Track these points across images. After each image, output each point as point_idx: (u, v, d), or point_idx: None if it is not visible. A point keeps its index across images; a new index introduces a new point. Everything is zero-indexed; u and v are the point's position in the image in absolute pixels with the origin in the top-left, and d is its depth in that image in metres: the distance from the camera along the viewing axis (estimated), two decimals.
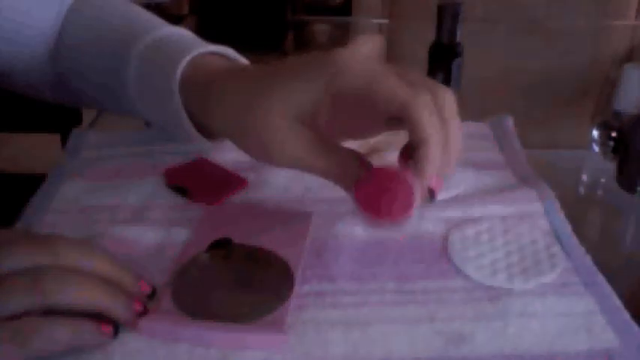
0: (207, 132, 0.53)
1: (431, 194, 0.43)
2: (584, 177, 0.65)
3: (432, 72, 0.77)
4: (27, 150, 1.40)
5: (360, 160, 0.45)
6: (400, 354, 0.39)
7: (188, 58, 0.50)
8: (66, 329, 0.36)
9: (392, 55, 1.06)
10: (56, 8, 0.59)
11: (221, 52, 0.53)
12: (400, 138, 0.44)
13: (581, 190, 0.64)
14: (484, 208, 0.52)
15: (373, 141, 0.56)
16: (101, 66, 0.56)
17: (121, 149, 0.60)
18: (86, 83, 0.58)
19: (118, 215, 0.50)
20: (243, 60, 0.54)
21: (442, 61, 0.76)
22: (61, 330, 0.36)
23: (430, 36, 0.77)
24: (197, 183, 0.53)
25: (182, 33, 0.55)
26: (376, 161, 0.46)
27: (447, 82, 0.76)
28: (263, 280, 0.43)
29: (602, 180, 0.63)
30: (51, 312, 0.36)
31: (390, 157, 0.57)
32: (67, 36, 0.58)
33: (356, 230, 0.49)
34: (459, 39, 0.76)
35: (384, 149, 0.56)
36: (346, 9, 1.22)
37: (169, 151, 0.59)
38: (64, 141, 0.63)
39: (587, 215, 0.60)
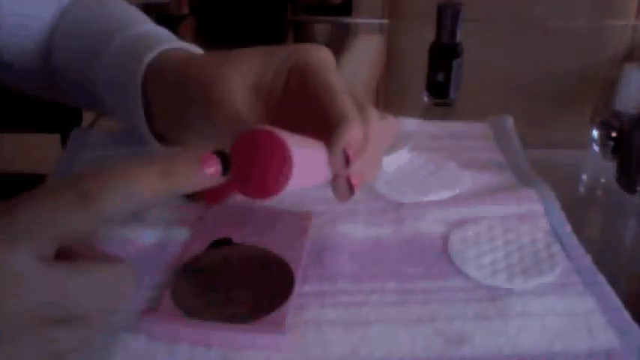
0: (167, 135, 0.52)
1: (350, 187, 0.42)
2: (584, 177, 0.65)
3: (432, 72, 0.77)
4: (27, 150, 1.40)
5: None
6: (400, 354, 0.39)
7: (152, 54, 0.50)
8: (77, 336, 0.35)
9: (392, 55, 1.06)
10: (53, 9, 0.59)
11: (189, 49, 0.53)
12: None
13: (581, 190, 0.64)
14: (484, 208, 0.52)
15: None
16: (81, 65, 0.56)
17: (121, 149, 0.60)
18: (71, 81, 0.59)
19: None
20: None
21: (442, 61, 0.76)
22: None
23: (430, 36, 0.77)
24: None
25: (158, 31, 0.55)
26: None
27: (447, 82, 0.76)
28: (263, 280, 0.43)
29: (602, 180, 0.63)
30: None
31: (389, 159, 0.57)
32: (58, 36, 0.59)
33: (356, 230, 0.49)
34: (459, 39, 0.76)
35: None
36: (346, 9, 1.22)
37: (169, 151, 0.59)
38: (64, 141, 0.63)
39: (587, 215, 0.60)
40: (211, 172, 0.34)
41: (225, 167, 0.35)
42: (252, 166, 0.37)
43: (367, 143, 0.42)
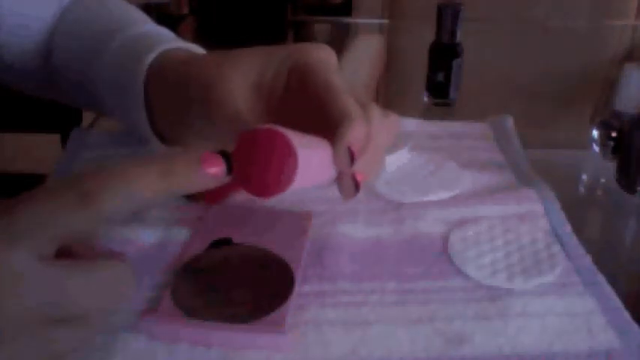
0: (168, 135, 0.53)
1: (355, 185, 0.42)
2: (584, 177, 0.65)
3: (432, 72, 0.77)
4: (27, 150, 1.40)
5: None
6: (400, 354, 0.39)
7: (153, 54, 0.50)
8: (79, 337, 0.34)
9: (392, 55, 1.06)
10: (53, 9, 0.59)
11: (190, 48, 0.53)
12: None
13: (581, 190, 0.64)
14: (484, 208, 0.52)
15: None
16: (81, 65, 0.56)
17: (121, 149, 0.60)
18: (71, 82, 0.59)
19: None
20: None
21: (442, 61, 0.76)
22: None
23: (430, 36, 0.77)
24: None
25: (158, 31, 0.55)
26: None
27: (447, 82, 0.76)
28: (263, 280, 0.43)
29: (602, 180, 0.63)
30: None
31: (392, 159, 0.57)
32: (58, 36, 0.59)
33: (356, 230, 0.49)
34: (459, 39, 0.76)
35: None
36: (346, 9, 1.22)
37: (169, 151, 0.59)
38: (64, 141, 0.63)
39: (587, 215, 0.60)
40: (214, 172, 0.34)
41: (229, 167, 0.35)
42: (257, 164, 0.36)
43: (370, 141, 0.42)
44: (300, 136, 0.37)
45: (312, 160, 0.38)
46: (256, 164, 0.36)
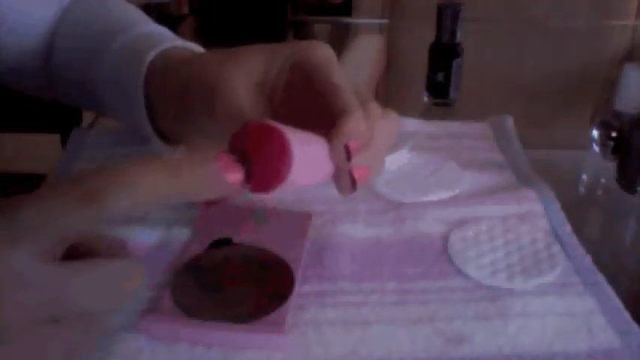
0: (170, 134, 0.53)
1: (352, 181, 0.42)
2: (584, 177, 0.65)
3: (432, 72, 0.77)
4: (27, 150, 1.40)
5: None
6: (400, 354, 0.39)
7: (153, 53, 0.50)
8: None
9: (392, 55, 1.06)
10: (54, 9, 0.59)
11: (190, 47, 0.53)
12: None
13: (581, 190, 0.64)
14: (484, 208, 0.52)
15: None
16: (82, 65, 0.56)
17: (121, 149, 0.60)
18: (71, 82, 0.59)
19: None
20: None
21: (442, 61, 0.76)
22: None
23: (430, 36, 0.77)
24: None
25: (160, 31, 0.55)
26: None
27: (447, 82, 0.76)
28: (263, 280, 0.43)
29: (602, 180, 0.63)
30: None
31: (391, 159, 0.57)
32: (58, 37, 0.59)
33: (356, 230, 0.49)
34: (459, 39, 0.76)
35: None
36: (346, 9, 1.23)
37: (173, 151, 0.59)
38: (64, 141, 0.63)
39: (587, 215, 0.60)
40: (235, 178, 0.34)
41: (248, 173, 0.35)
42: (252, 159, 0.36)
43: (371, 138, 0.42)
44: (296, 131, 0.37)
45: (308, 155, 0.38)
46: (252, 159, 0.36)
